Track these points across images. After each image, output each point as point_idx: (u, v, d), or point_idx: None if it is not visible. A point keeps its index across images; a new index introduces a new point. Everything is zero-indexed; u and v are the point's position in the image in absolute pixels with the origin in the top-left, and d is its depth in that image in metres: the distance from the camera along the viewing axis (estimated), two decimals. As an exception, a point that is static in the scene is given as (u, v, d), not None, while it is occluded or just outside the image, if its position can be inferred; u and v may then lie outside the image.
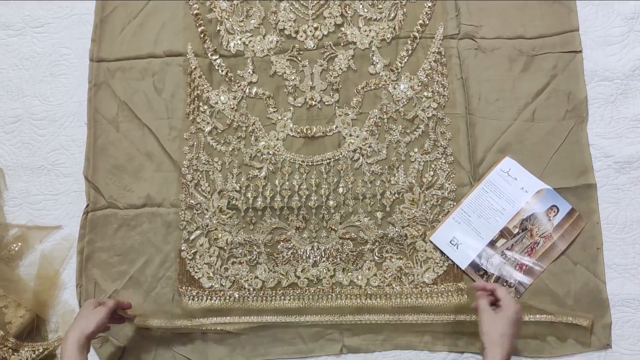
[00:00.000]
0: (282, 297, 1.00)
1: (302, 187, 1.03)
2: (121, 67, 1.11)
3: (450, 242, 0.99)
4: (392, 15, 1.09)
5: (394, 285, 1.00)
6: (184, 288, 1.01)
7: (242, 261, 1.02)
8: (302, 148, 1.05)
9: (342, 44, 1.08)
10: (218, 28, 1.10)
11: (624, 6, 1.08)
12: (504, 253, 0.99)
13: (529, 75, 1.05)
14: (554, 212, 0.99)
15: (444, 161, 1.03)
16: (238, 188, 1.04)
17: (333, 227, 1.02)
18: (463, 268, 0.99)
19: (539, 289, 0.98)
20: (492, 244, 0.99)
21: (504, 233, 0.99)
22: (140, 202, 1.06)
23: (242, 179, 1.04)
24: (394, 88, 1.06)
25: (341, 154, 1.04)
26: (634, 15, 1.07)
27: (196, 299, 1.00)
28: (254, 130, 1.06)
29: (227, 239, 1.03)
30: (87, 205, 1.07)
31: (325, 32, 1.09)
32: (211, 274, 1.02)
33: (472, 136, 1.04)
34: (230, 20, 1.10)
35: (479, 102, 1.05)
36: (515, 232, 0.99)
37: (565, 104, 1.04)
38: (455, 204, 1.02)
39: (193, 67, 1.09)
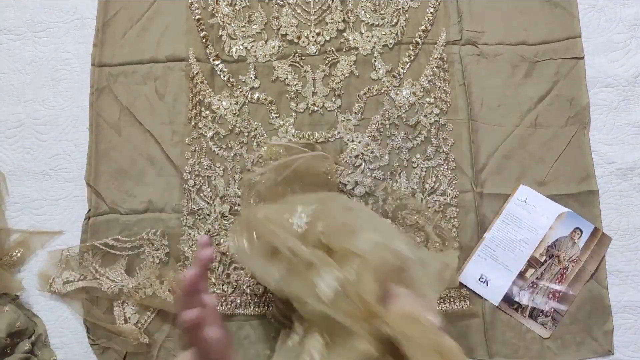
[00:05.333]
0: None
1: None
2: (123, 72, 1.11)
3: (479, 279, 0.99)
4: (395, 21, 1.09)
5: (395, 291, 1.00)
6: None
7: (244, 267, 1.02)
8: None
9: (344, 50, 1.08)
10: (220, 33, 1.10)
11: (627, 12, 1.08)
12: (535, 283, 0.98)
13: (531, 82, 1.06)
14: (578, 234, 0.99)
15: (446, 167, 1.03)
16: (240, 193, 1.04)
17: (335, 233, 1.02)
18: (496, 304, 0.98)
19: (541, 295, 0.98)
20: (521, 275, 0.98)
21: (532, 263, 0.99)
22: (142, 208, 1.06)
23: (244, 185, 1.04)
24: (396, 94, 1.06)
25: (343, 159, 1.04)
26: (636, 22, 1.07)
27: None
28: (256, 135, 1.06)
29: (229, 244, 1.03)
30: (89, 211, 1.07)
31: (328, 38, 1.08)
32: (213, 280, 1.02)
33: (474, 142, 1.04)
34: (232, 25, 1.10)
35: (481, 108, 1.05)
36: (542, 260, 0.99)
37: (567, 110, 1.04)
38: (457, 209, 1.01)
39: (195, 72, 1.08)
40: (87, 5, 1.16)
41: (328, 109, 1.07)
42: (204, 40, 1.10)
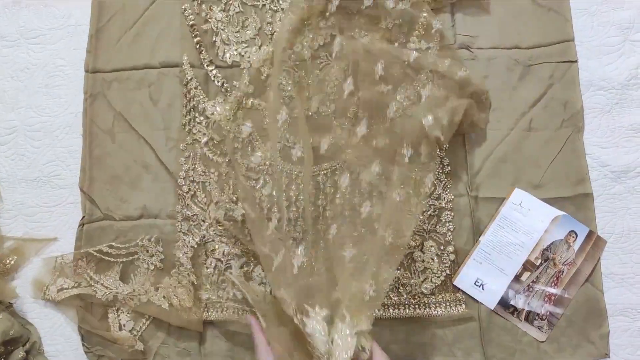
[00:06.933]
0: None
1: (299, 197, 1.03)
2: (117, 78, 1.11)
3: (474, 283, 0.99)
4: (389, 26, 1.08)
5: (391, 296, 0.99)
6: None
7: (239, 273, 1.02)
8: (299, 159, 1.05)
9: (337, 55, 1.08)
10: (214, 39, 1.10)
11: (620, 16, 1.08)
12: (531, 286, 0.98)
13: (525, 85, 1.06)
14: (573, 237, 0.99)
15: (440, 171, 1.03)
16: (235, 199, 1.04)
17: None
18: (492, 308, 0.98)
19: (536, 299, 0.98)
20: (517, 279, 0.98)
21: (527, 266, 0.99)
22: (136, 214, 1.05)
23: (239, 190, 1.04)
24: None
25: (338, 164, 1.04)
26: (629, 25, 1.08)
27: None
28: (250, 141, 1.06)
29: (224, 250, 1.02)
30: (83, 217, 1.06)
31: (321, 43, 1.08)
32: (208, 286, 1.02)
33: (468, 146, 1.04)
34: (226, 31, 1.10)
35: (475, 112, 1.05)
36: (537, 264, 0.99)
37: (561, 114, 1.05)
38: (452, 214, 1.01)
39: (189, 78, 1.08)
40: (81, 11, 1.16)
41: (322, 113, 1.07)
42: (197, 46, 1.10)
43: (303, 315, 0.84)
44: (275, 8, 1.10)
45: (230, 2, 1.11)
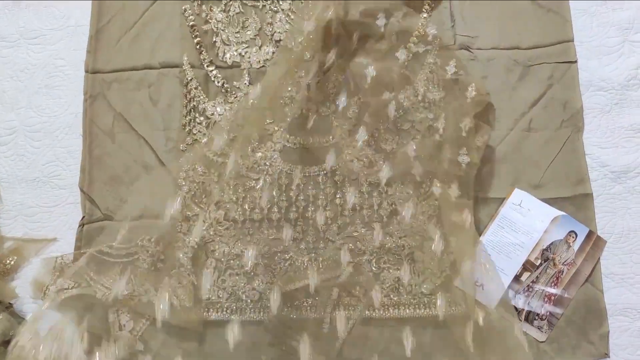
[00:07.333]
0: (280, 309, 0.99)
1: (299, 198, 1.03)
2: (117, 79, 1.11)
3: (474, 283, 0.99)
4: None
5: (391, 296, 0.99)
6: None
7: (239, 273, 1.02)
8: (299, 159, 1.05)
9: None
10: (214, 39, 1.10)
11: (619, 17, 1.09)
12: (530, 286, 0.98)
13: (525, 85, 1.06)
14: (573, 237, 0.99)
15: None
16: (235, 199, 1.04)
17: (330, 238, 1.01)
18: (493, 308, 0.98)
19: (536, 299, 0.98)
20: (516, 279, 0.98)
21: (527, 266, 0.99)
22: (136, 214, 1.05)
23: (239, 190, 1.04)
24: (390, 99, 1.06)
25: (338, 164, 1.04)
26: (629, 25, 1.08)
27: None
28: (250, 141, 1.06)
29: (224, 251, 1.02)
30: (83, 217, 1.06)
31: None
32: (208, 286, 1.02)
33: (468, 146, 1.04)
34: (226, 31, 1.10)
35: (475, 113, 1.05)
36: (537, 264, 0.99)
37: (561, 114, 1.05)
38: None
39: (189, 78, 1.08)
40: (81, 11, 1.16)
41: (322, 114, 1.07)
42: (197, 47, 1.10)
43: None
44: (275, 8, 1.11)
45: (231, 2, 1.12)
